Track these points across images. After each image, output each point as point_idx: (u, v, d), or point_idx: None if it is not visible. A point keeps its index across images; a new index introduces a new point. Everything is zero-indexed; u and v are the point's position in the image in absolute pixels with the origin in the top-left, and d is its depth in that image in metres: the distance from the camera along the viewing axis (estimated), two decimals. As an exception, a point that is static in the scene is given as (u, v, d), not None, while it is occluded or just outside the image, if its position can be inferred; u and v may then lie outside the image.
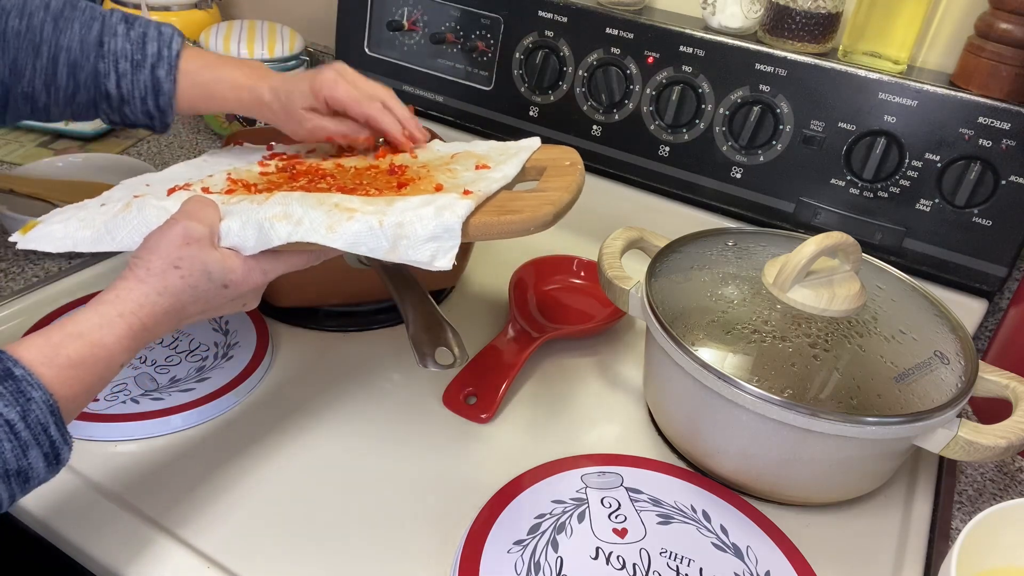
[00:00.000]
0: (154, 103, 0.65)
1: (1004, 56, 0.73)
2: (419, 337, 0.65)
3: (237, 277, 0.51)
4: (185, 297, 0.49)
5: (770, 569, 0.56)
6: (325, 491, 0.60)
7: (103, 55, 0.63)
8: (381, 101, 0.66)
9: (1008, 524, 0.52)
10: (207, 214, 0.51)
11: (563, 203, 0.56)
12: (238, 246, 0.52)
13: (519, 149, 0.66)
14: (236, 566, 0.53)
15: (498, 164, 0.63)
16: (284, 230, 0.51)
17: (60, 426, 0.43)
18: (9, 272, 0.79)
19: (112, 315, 0.46)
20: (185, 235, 0.49)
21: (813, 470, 0.60)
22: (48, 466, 0.43)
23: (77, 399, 0.44)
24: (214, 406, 0.65)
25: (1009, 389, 0.61)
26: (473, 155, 0.66)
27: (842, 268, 0.65)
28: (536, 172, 0.63)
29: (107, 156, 0.96)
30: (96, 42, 0.63)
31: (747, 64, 0.82)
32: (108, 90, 0.64)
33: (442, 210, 0.52)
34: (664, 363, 0.63)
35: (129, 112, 0.66)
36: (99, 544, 0.54)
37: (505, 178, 0.60)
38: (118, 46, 0.63)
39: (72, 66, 0.63)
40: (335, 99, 0.65)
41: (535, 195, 0.58)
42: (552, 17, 0.90)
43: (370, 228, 0.51)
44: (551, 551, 0.56)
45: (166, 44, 0.64)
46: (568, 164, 0.63)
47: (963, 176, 0.75)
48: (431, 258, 0.51)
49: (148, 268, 0.48)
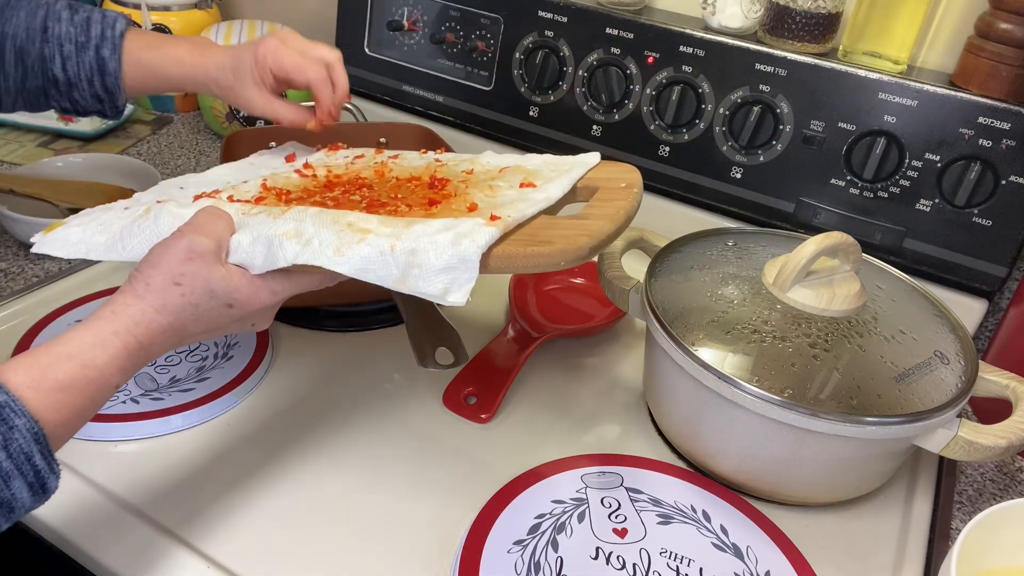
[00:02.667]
0: (101, 84, 0.64)
1: (1004, 56, 0.73)
2: (419, 337, 0.65)
3: (243, 296, 0.48)
4: (186, 316, 0.47)
5: (770, 569, 0.56)
6: (324, 491, 0.60)
7: (47, 39, 0.63)
8: (326, 64, 0.65)
9: (1008, 524, 0.52)
10: (216, 227, 0.49)
11: (603, 235, 0.50)
12: (246, 263, 0.49)
13: (573, 165, 0.61)
14: (236, 566, 0.53)
15: (546, 182, 0.57)
16: (292, 250, 0.48)
17: (46, 454, 0.40)
18: (9, 272, 0.79)
19: (106, 333, 0.44)
20: (189, 250, 0.47)
21: (813, 470, 0.60)
22: (33, 495, 0.41)
23: (67, 424, 0.42)
24: (214, 406, 0.66)
25: (1009, 389, 0.61)
26: (522, 170, 0.61)
27: (842, 268, 0.65)
28: (588, 192, 0.57)
29: (107, 156, 0.96)
30: (41, 27, 0.63)
31: (747, 64, 0.82)
32: (55, 74, 0.64)
33: (461, 238, 0.47)
34: (664, 363, 0.63)
35: (79, 97, 0.65)
36: (98, 543, 0.54)
37: (547, 200, 0.54)
38: (62, 30, 0.63)
39: (19, 52, 0.63)
40: (279, 67, 0.63)
41: (574, 223, 0.51)
42: (552, 17, 0.90)
43: (380, 253, 0.47)
44: (551, 551, 0.56)
45: (109, 25, 0.64)
46: (624, 187, 0.57)
47: (963, 176, 0.75)
48: (443, 292, 0.46)
49: (147, 284, 0.46)
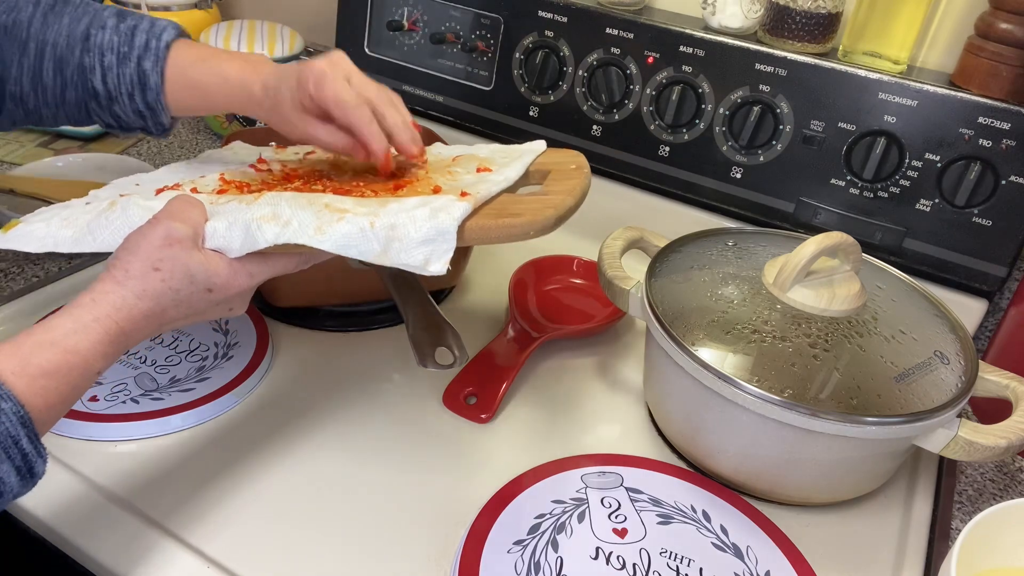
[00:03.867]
0: (142, 99, 0.60)
1: (1004, 56, 0.73)
2: (419, 337, 0.65)
3: (222, 280, 0.49)
4: (165, 300, 0.47)
5: (770, 569, 0.56)
6: (325, 491, 0.60)
7: (88, 48, 0.59)
8: (372, 106, 0.58)
9: (1008, 524, 0.52)
10: (191, 214, 0.49)
11: (566, 207, 0.54)
12: (224, 248, 0.50)
13: (523, 152, 0.65)
14: (236, 566, 0.53)
15: (500, 167, 0.62)
16: (271, 232, 0.49)
17: (33, 438, 0.41)
18: (9, 272, 0.79)
19: (87, 319, 0.44)
20: (167, 236, 0.47)
21: (813, 470, 0.60)
22: (21, 480, 0.41)
23: (52, 410, 0.42)
24: (214, 406, 0.65)
25: (1009, 389, 0.61)
26: (475, 158, 0.65)
27: (842, 268, 0.65)
28: (540, 176, 0.62)
29: (107, 156, 0.96)
30: (83, 35, 0.59)
31: (747, 64, 0.82)
32: (95, 87, 0.60)
33: (437, 212, 0.50)
34: (664, 363, 0.63)
35: (120, 112, 0.61)
36: (98, 544, 0.54)
37: (507, 180, 0.59)
38: (105, 39, 0.59)
39: (58, 61, 0.59)
40: (321, 97, 0.57)
41: (537, 198, 0.56)
42: (552, 17, 0.90)
43: (361, 230, 0.49)
44: (551, 551, 0.56)
45: (156, 36, 0.60)
46: (574, 168, 0.62)
47: (963, 176, 0.75)
48: (424, 262, 0.49)
49: (127, 270, 0.46)
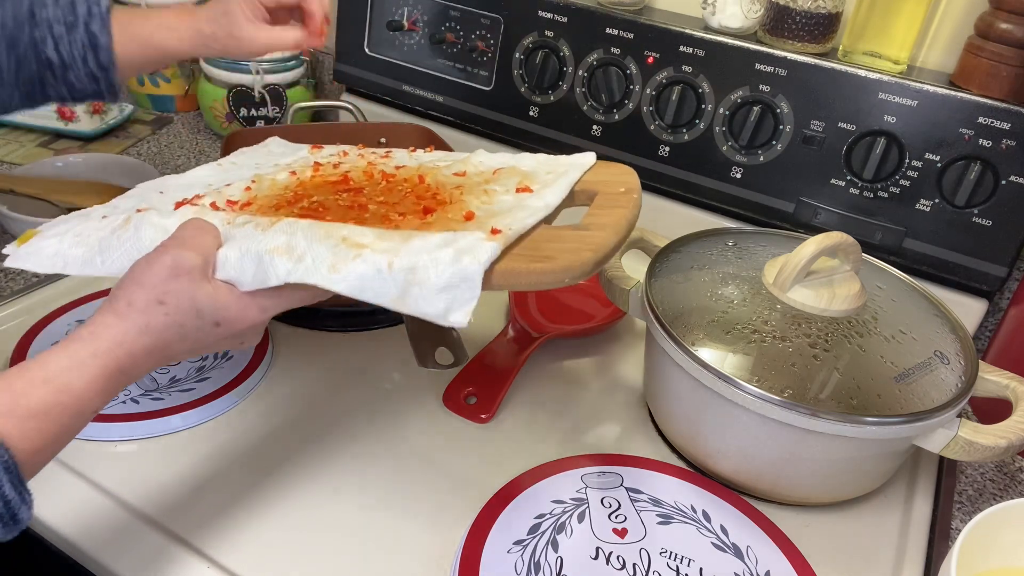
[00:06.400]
0: (95, 61, 0.65)
1: (1004, 56, 0.73)
2: (419, 337, 0.65)
3: (231, 315, 0.46)
4: (169, 335, 0.45)
5: (770, 569, 0.56)
6: (324, 491, 0.60)
7: (37, 23, 0.63)
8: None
9: (1008, 524, 0.52)
10: (202, 242, 0.47)
11: (606, 248, 0.48)
12: (235, 280, 0.47)
13: (569, 167, 0.59)
14: (235, 566, 0.53)
15: (543, 186, 0.56)
16: (283, 267, 0.46)
17: (16, 484, 0.38)
18: (9, 272, 0.79)
19: (84, 355, 0.42)
20: (174, 266, 0.45)
21: (813, 470, 0.60)
22: (4, 527, 0.39)
23: (40, 452, 0.40)
24: (214, 406, 0.66)
25: (1009, 389, 0.61)
26: (517, 172, 0.60)
27: (842, 268, 0.65)
28: (586, 197, 0.56)
29: (107, 156, 0.96)
30: (28, 13, 0.63)
31: (747, 64, 0.82)
32: (49, 57, 0.64)
33: (462, 254, 0.45)
34: (664, 363, 0.63)
35: (75, 79, 0.66)
36: (97, 543, 0.54)
37: (546, 208, 0.53)
38: (50, 13, 0.64)
39: (10, 41, 0.63)
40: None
41: (576, 235, 0.50)
42: (552, 17, 0.90)
43: (378, 271, 0.45)
44: (551, 551, 0.56)
45: (95, 3, 0.65)
46: (623, 191, 0.55)
47: (963, 176, 0.75)
48: (445, 311, 0.45)
49: (130, 302, 0.44)
